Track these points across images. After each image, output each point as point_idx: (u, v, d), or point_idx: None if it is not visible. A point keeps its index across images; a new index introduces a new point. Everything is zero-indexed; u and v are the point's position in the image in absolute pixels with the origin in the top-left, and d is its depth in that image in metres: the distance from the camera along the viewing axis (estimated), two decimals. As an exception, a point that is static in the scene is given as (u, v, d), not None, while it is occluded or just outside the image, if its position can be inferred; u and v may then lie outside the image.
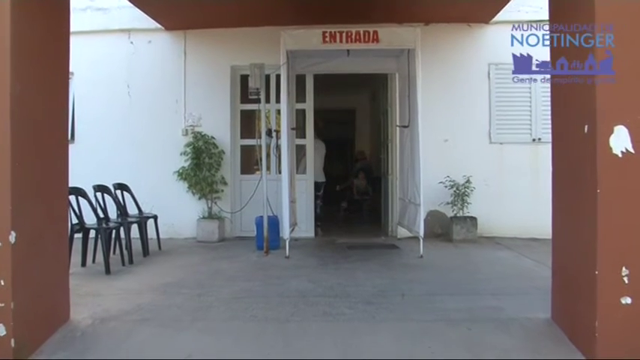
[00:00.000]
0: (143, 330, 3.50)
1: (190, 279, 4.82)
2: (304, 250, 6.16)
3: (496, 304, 3.92)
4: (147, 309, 3.91)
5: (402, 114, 6.50)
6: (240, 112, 7.22)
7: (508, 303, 3.95)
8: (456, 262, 5.58)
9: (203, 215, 6.84)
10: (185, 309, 3.89)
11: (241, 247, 6.40)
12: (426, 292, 4.31)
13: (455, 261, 5.62)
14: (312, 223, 7.14)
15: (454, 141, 6.91)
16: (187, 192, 6.92)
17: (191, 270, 5.23)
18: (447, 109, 6.89)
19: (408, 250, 6.08)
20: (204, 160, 6.82)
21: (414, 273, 5.00)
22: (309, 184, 7.22)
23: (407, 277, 4.80)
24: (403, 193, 6.56)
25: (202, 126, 6.99)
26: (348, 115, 12.38)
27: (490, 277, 4.84)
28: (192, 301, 4.06)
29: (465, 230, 6.59)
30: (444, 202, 6.68)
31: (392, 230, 7.19)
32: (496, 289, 4.35)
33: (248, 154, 7.89)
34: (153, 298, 4.20)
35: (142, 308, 3.91)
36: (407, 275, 4.90)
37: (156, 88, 7.11)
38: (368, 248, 6.32)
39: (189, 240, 6.85)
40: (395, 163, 7.07)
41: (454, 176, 6.67)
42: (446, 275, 4.93)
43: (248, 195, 6.71)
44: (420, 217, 5.66)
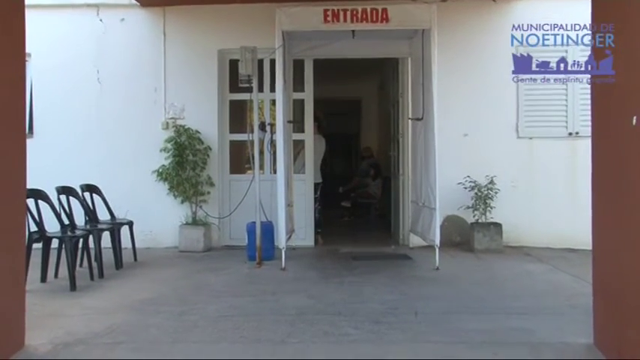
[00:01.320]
0: (115, 355, 3.48)
1: (171, 295, 4.84)
2: (303, 261, 6.17)
3: (526, 326, 3.91)
4: (120, 330, 3.90)
5: (415, 105, 6.50)
6: (230, 103, 7.22)
7: (540, 324, 3.94)
8: (478, 275, 5.56)
9: (186, 221, 6.84)
10: (165, 329, 3.88)
11: (230, 257, 6.40)
12: (443, 309, 4.31)
13: (476, 274, 5.60)
14: (311, 229, 7.16)
15: (475, 135, 6.93)
16: (168, 194, 6.91)
17: (172, 284, 5.22)
18: (468, 99, 6.89)
19: (422, 261, 6.09)
20: (187, 157, 6.82)
21: (428, 288, 5.02)
22: (308, 185, 7.22)
23: (421, 293, 4.82)
24: (416, 195, 6.55)
25: (185, 118, 7.00)
26: (353, 106, 12.40)
27: (518, 293, 4.84)
28: (173, 321, 4.07)
29: (488, 239, 6.58)
30: (463, 205, 6.66)
31: (403, 238, 7.19)
32: (526, 308, 4.35)
33: (238, 151, 7.85)
34: (127, 317, 4.19)
35: (113, 330, 3.90)
36: (421, 290, 4.92)
37: (130, 74, 7.06)
38: (376, 259, 6.33)
39: (170, 250, 6.85)
40: (407, 162, 7.07)
41: (475, 176, 6.66)
42: (466, 291, 4.93)
43: (238, 198, 6.70)
44: (436, 223, 5.65)
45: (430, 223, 5.81)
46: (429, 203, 5.87)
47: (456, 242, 6.90)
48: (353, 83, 11.06)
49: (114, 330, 3.89)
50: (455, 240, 6.91)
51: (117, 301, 4.61)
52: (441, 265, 5.64)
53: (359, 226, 9.24)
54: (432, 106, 5.66)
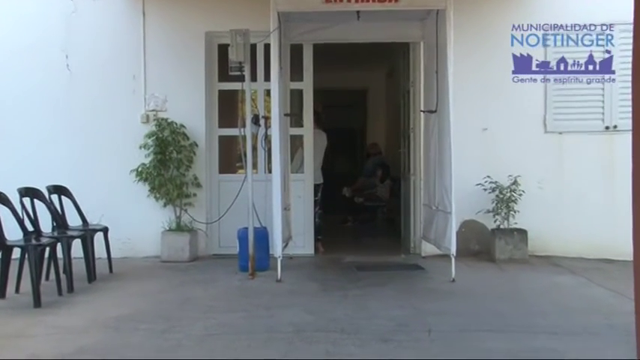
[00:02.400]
0: (86, 381, 3.46)
1: (152, 311, 4.81)
2: (301, 272, 6.17)
3: (555, 347, 3.91)
4: (93, 352, 3.87)
5: (429, 95, 6.48)
6: (219, 93, 7.19)
7: (572, 345, 3.92)
8: (500, 288, 5.55)
9: (170, 227, 6.81)
10: (145, 350, 3.86)
11: (219, 268, 6.40)
12: (460, 327, 4.31)
13: (498, 287, 5.59)
14: (311, 236, 7.15)
15: (496, 130, 6.90)
16: (149, 197, 6.88)
17: (153, 299, 5.20)
18: (488, 88, 6.85)
19: (436, 271, 6.08)
20: (170, 155, 6.80)
21: (443, 302, 5.01)
22: (307, 186, 7.21)
23: (434, 308, 4.81)
24: (429, 198, 6.54)
25: (168, 111, 6.97)
26: (358, 97, 12.41)
27: (546, 309, 4.82)
28: (154, 340, 4.04)
29: (511, 247, 6.57)
30: (483, 209, 6.65)
31: (414, 246, 7.18)
32: (555, 327, 4.33)
33: (229, 148, 7.82)
34: (101, 337, 4.17)
35: (85, 351, 3.87)
36: (434, 305, 4.91)
37: (105, 59, 7.03)
38: (383, 269, 6.33)
39: (150, 259, 6.82)
40: (418, 160, 7.05)
41: (496, 176, 6.64)
42: (486, 306, 4.91)
43: (229, 201, 6.67)
44: (452, 229, 5.64)
45: (445, 229, 5.79)
46: (444, 207, 5.86)
47: (474, 251, 6.89)
48: (358, 71, 11.05)
49: (85, 351, 3.85)
50: (473, 248, 6.90)
51: (89, 319, 4.57)
52: (458, 277, 5.63)
53: (364, 233, 9.23)
54: (448, 96, 5.64)
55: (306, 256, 6.96)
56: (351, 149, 13.62)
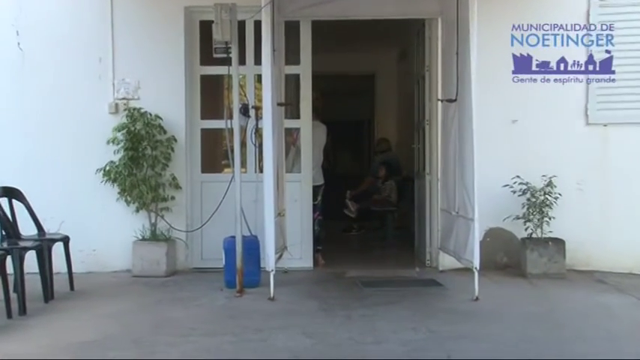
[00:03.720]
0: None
1: (122, 335, 4.78)
2: (298, 288, 6.17)
3: None
4: (50, 384, 3.86)
5: (447, 82, 6.45)
6: (201, 79, 7.20)
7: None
8: (533, 308, 5.51)
9: (143, 236, 6.81)
10: (111, 383, 3.86)
11: (202, 283, 6.39)
12: (484, 354, 4.31)
13: (530, 307, 5.55)
14: (309, 246, 7.15)
15: (528, 122, 6.89)
16: (118, 200, 6.87)
17: (123, 321, 5.16)
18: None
19: (456, 288, 6.08)
20: (144, 151, 6.79)
21: (464, 325, 4.98)
22: (304, 187, 7.19)
23: (454, 331, 4.79)
24: (448, 201, 6.52)
25: (142, 99, 6.96)
26: (364, 83, 12.38)
27: (588, 334, 4.80)
28: (123, 371, 4.05)
29: (545, 259, 6.54)
30: (511, 215, 6.63)
31: (431, 258, 7.18)
32: (598, 355, 4.31)
33: (213, 143, 7.82)
34: (60, 367, 4.16)
35: (41, 384, 3.87)
36: (454, 328, 4.89)
37: (66, 38, 7.00)
38: (394, 285, 6.32)
39: (120, 274, 6.81)
40: (435, 157, 7.04)
41: (528, 176, 6.61)
42: (515, 330, 4.87)
43: (213, 205, 6.67)
44: (475, 238, 5.61)
45: (466, 238, 5.78)
46: (465, 212, 5.84)
47: (501, 264, 6.88)
48: (364, 53, 11.02)
49: (42, 384, 3.84)
50: (500, 261, 6.89)
51: (46, 345, 4.53)
52: (482, 295, 5.61)
53: (372, 242, 9.19)
54: (470, 82, 5.64)
55: (304, 270, 6.96)
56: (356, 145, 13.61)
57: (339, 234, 9.55)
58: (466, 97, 5.75)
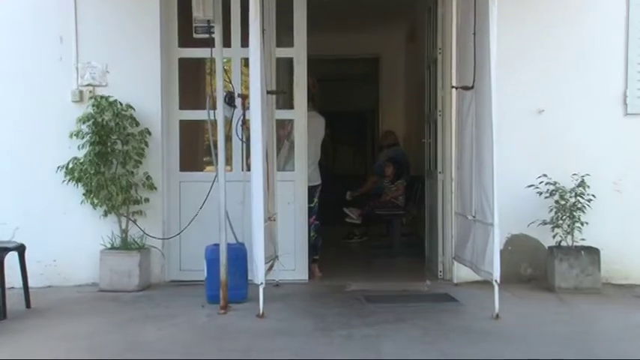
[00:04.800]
0: None
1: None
2: (291, 304, 6.18)
3: None
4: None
5: (463, 66, 6.48)
6: (180, 63, 7.22)
7: None
8: (562, 329, 5.49)
9: (112, 244, 6.83)
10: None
11: (180, 299, 6.40)
12: None
13: (559, 327, 5.53)
14: (304, 256, 7.18)
15: (556, 112, 6.94)
16: (83, 203, 6.86)
17: (87, 344, 5.12)
18: (545, 56, 6.92)
19: (473, 304, 6.09)
20: (114, 146, 6.81)
21: (483, 346, 4.98)
22: (299, 188, 7.21)
23: (471, 354, 4.78)
24: (463, 204, 6.54)
25: (110, 86, 6.98)
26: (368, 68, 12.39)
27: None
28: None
29: (577, 271, 6.55)
30: (537, 220, 6.67)
31: (444, 269, 7.22)
32: None
33: (193, 137, 7.84)
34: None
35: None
36: (471, 350, 4.88)
37: (20, 13, 6.98)
38: (402, 301, 6.32)
39: (85, 288, 6.81)
40: (449, 152, 7.09)
41: (556, 175, 6.66)
42: (541, 353, 4.84)
43: (193, 208, 6.71)
44: (495, 246, 5.61)
45: (485, 246, 5.78)
46: (484, 216, 5.85)
47: (525, 276, 6.91)
48: (367, 33, 11.07)
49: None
50: (524, 273, 6.92)
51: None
52: (503, 312, 5.61)
53: (376, 251, 9.20)
54: (489, 67, 5.63)
55: (298, 283, 7.00)
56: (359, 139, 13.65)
57: (338, 241, 9.54)
58: (485, 84, 5.74)
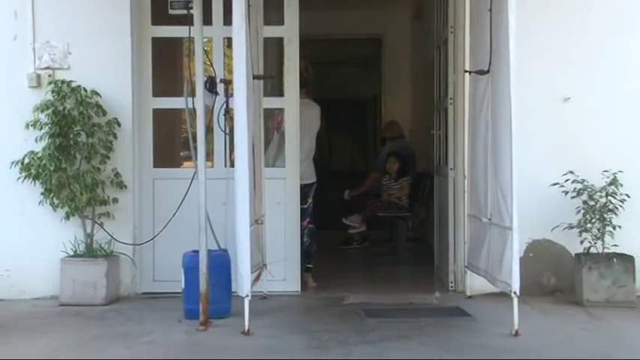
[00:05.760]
0: None
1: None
2: (281, 319, 6.22)
3: None
4: None
5: (478, 47, 6.50)
6: (153, 43, 7.25)
7: None
8: (589, 347, 5.49)
9: (75, 251, 6.83)
10: None
11: (154, 313, 6.42)
12: None
13: (588, 345, 5.54)
14: (296, 264, 7.20)
15: (584, 100, 6.99)
16: (42, 204, 6.86)
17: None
18: (570, 36, 6.97)
19: (489, 319, 6.13)
20: (77, 138, 6.82)
21: (501, 367, 5.03)
22: (290, 187, 7.24)
23: (487, 378, 4.83)
24: (478, 205, 6.54)
25: (73, 69, 7.00)
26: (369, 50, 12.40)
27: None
28: None
29: (608, 282, 6.56)
30: (562, 224, 6.70)
31: (455, 279, 7.27)
32: None
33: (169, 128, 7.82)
34: None
35: None
36: (488, 374, 4.93)
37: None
38: (407, 316, 6.35)
39: (44, 302, 6.81)
40: (460, 146, 7.13)
41: (584, 171, 6.69)
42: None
43: (169, 210, 6.75)
44: (514, 253, 5.61)
45: (502, 253, 5.79)
46: (501, 219, 5.86)
47: (549, 288, 6.95)
48: (369, 10, 11.14)
49: None
50: (547, 284, 6.95)
51: None
52: (523, 328, 5.60)
53: (378, 259, 9.22)
54: (507, 49, 5.62)
55: (289, 295, 7.02)
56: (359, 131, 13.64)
57: (334, 247, 9.53)
58: (502, 68, 5.74)
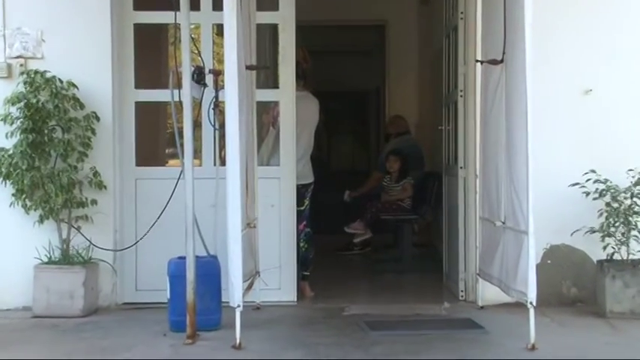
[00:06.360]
0: None
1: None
2: (275, 332, 6.24)
3: None
4: None
5: (490, 34, 6.52)
6: (136, 30, 7.27)
7: None
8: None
9: (50, 258, 6.85)
10: None
11: (136, 325, 6.44)
12: None
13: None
14: (291, 272, 7.23)
15: (607, 92, 7.01)
16: (13, 206, 6.89)
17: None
18: (593, 20, 6.99)
19: (503, 332, 6.14)
20: (52, 134, 6.84)
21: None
22: (286, 187, 7.25)
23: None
24: (490, 207, 6.56)
25: (47, 58, 7.03)
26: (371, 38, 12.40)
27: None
28: None
29: (634, 292, 6.59)
30: (583, 227, 6.70)
31: (466, 288, 7.29)
32: None
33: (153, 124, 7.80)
34: None
35: None
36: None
37: None
38: (414, 328, 6.36)
39: (15, 314, 6.84)
40: (472, 143, 7.16)
41: (607, 170, 6.71)
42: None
43: (153, 213, 6.78)
44: (530, 260, 5.59)
45: (518, 260, 5.79)
46: (516, 223, 5.86)
47: (569, 298, 6.99)
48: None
49: None
50: (567, 293, 6.99)
51: None
52: (541, 342, 5.58)
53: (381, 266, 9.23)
54: (523, 36, 5.61)
55: (284, 305, 7.05)
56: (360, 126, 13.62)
57: (334, 253, 9.51)
58: (517, 57, 5.72)
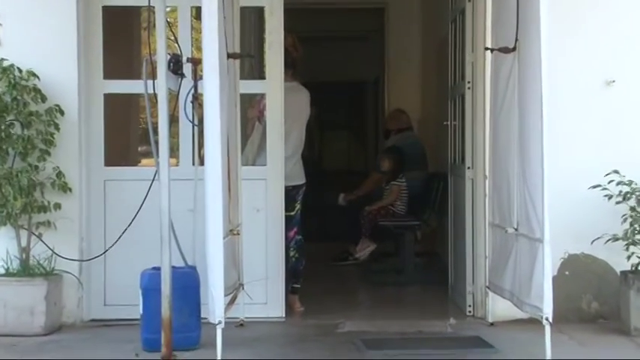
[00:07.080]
0: None
1: None
2: (261, 351, 6.28)
3: None
4: None
5: (501, 20, 6.54)
6: (104, 13, 7.32)
7: None
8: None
9: (7, 269, 6.93)
10: None
11: (104, 345, 6.49)
12: None
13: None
14: (279, 284, 7.24)
15: (632, 85, 7.09)
16: None
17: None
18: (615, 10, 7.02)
19: (516, 351, 6.20)
20: (9, 129, 6.92)
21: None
22: (273, 189, 7.27)
23: None
24: (501, 212, 6.58)
25: (4, 45, 7.10)
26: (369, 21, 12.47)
27: None
28: None
29: None
30: (604, 235, 6.73)
31: (474, 303, 7.34)
32: None
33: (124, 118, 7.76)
34: None
35: None
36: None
37: None
38: (416, 347, 6.37)
39: None
40: (480, 140, 7.20)
41: (632, 171, 6.77)
42: None
43: (124, 218, 6.81)
44: (545, 272, 5.58)
45: (532, 271, 5.79)
46: (530, 229, 5.86)
47: (589, 313, 7.03)
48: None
49: None
50: (587, 308, 7.04)
51: None
52: (560, 364, 5.64)
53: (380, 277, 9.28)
54: (538, 22, 5.59)
55: (271, 322, 7.10)
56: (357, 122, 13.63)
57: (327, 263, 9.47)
58: (532, 45, 5.71)
